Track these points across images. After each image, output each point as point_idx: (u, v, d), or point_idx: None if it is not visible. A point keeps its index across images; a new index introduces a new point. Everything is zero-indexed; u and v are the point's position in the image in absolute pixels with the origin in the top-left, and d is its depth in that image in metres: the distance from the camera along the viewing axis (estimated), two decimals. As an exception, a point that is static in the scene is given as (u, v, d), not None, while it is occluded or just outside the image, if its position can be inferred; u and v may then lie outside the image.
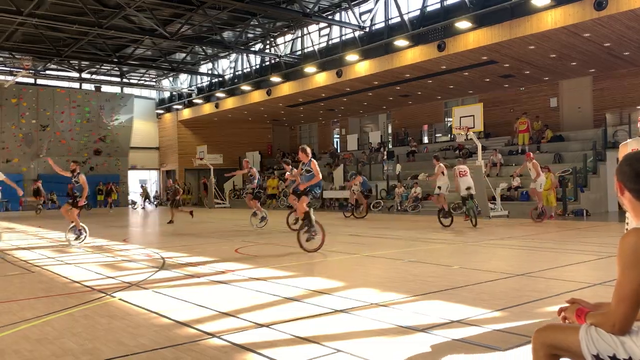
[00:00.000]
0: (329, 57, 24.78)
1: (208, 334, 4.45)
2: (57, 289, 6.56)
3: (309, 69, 25.32)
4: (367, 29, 22.71)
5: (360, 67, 22.95)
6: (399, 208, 22.50)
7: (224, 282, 6.81)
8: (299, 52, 27.65)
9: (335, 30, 25.31)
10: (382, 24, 22.82)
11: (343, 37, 24.94)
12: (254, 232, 14.20)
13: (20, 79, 30.21)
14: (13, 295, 6.22)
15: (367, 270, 7.80)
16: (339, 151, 33.54)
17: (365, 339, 4.30)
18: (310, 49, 26.51)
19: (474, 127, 17.62)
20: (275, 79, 27.57)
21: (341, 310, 5.13)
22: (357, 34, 23.15)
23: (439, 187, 14.70)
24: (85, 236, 11.81)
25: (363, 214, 19.35)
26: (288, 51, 28.09)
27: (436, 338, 4.17)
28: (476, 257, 8.94)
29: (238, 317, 4.96)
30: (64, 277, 7.46)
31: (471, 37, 18.40)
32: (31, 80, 34.19)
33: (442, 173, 14.75)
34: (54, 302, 5.78)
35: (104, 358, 3.89)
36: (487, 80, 23.08)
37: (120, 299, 5.85)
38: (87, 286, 6.70)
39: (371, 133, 31.69)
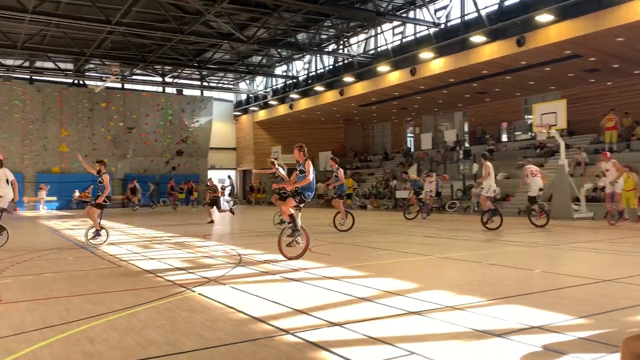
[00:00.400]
0: (403, 55, 24.52)
1: (282, 330, 4.54)
2: (142, 283, 6.94)
3: (382, 67, 25.17)
4: (442, 26, 22.25)
5: (435, 64, 22.52)
6: (476, 209, 21.87)
7: (297, 279, 6.92)
8: (372, 52, 27.57)
9: (409, 28, 25.00)
10: (458, 20, 22.28)
11: (417, 35, 24.60)
12: (328, 231, 14.31)
13: (109, 84, 32.20)
14: (103, 288, 6.65)
15: (442, 272, 7.65)
16: (412, 150, 33.09)
17: (439, 342, 4.23)
18: (384, 47, 26.35)
19: (556, 125, 16.81)
20: (348, 78, 27.64)
21: (415, 312, 5.07)
22: (431, 31, 22.74)
23: (482, 188, 14.14)
24: (106, 239, 11.53)
25: (413, 214, 18.27)
26: (361, 51, 28.08)
27: (514, 344, 4.03)
28: (558, 261, 8.53)
29: (311, 315, 5.03)
30: (148, 271, 7.87)
31: (553, 31, 17.56)
32: (119, 85, 36.38)
33: (488, 174, 13.92)
34: (139, 295, 6.11)
35: (185, 350, 4.07)
36: (571, 75, 21.91)
37: (199, 294, 6.10)
38: (169, 281, 7.03)
39: (446, 131, 30.96)
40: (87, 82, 34.94)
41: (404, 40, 25.41)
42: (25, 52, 28.08)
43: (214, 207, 18.31)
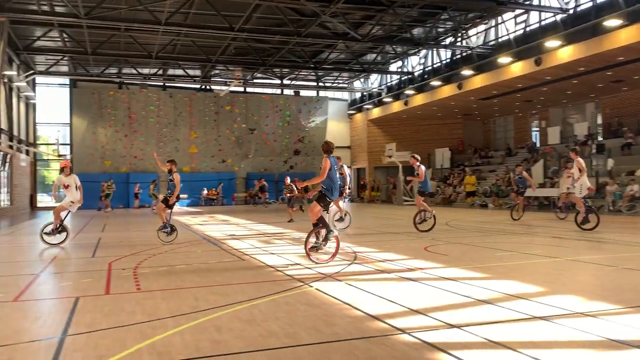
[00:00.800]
0: (526, 45, 23.15)
1: (398, 329, 4.49)
2: (263, 276, 7.25)
3: (504, 59, 23.95)
4: (571, 11, 20.65)
5: (563, 52, 20.96)
6: (611, 208, 20.04)
7: (413, 279, 6.81)
8: (493, 42, 26.36)
9: (534, 15, 23.52)
10: (589, 4, 20.54)
11: (542, 23, 23.08)
12: (444, 230, 13.93)
13: (232, 88, 34.07)
14: (228, 280, 7.04)
15: (571, 275, 7.10)
16: (538, 145, 31.12)
17: (568, 350, 3.93)
18: (505, 37, 25.09)
19: None
20: (466, 72, 26.69)
21: (540, 317, 4.76)
22: (558, 17, 21.21)
23: (572, 187, 12.88)
24: (176, 234, 11.85)
25: (519, 214, 16.58)
26: (480, 42, 26.98)
27: (658, 358, 3.63)
28: None
29: (428, 316, 4.92)
30: (268, 265, 8.21)
31: None
32: (241, 89, 38.35)
33: (579, 170, 12.66)
34: (261, 288, 6.39)
35: (302, 343, 4.18)
36: None
37: (316, 289, 6.23)
38: (288, 275, 7.27)
39: (576, 124, 28.69)
40: (213, 87, 37.31)
41: (527, 29, 23.97)
42: (159, 61, 30.62)
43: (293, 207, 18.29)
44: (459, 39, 27.45)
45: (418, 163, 13.38)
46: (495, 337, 4.19)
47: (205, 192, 35.52)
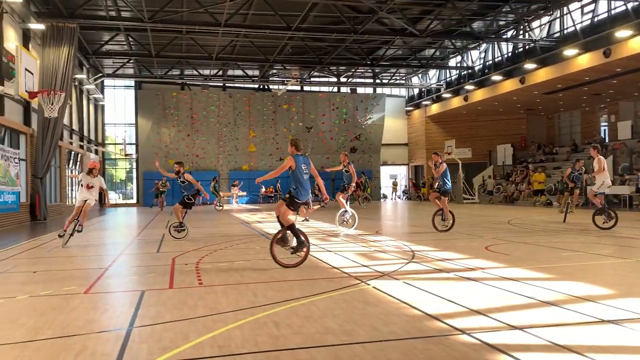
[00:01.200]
0: (594, 35, 22.09)
1: (458, 329, 4.41)
2: (320, 273, 7.29)
3: (570, 51, 22.96)
4: (643, -2, 19.54)
5: (635, 42, 19.85)
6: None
7: (473, 279, 6.66)
8: (557, 34, 25.33)
9: (602, 5, 22.40)
10: (664, -10, 19.37)
11: (612, 12, 21.93)
12: (505, 229, 13.53)
13: (290, 87, 34.45)
14: (285, 276, 7.13)
15: (644, 277, 6.73)
16: (607, 141, 29.63)
17: (641, 356, 3.72)
18: (571, 29, 24.04)
19: None
20: (529, 65, 25.78)
21: (609, 321, 4.54)
22: (630, 5, 20.09)
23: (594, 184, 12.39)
24: (186, 232, 12.12)
25: (572, 210, 15.12)
26: (544, 35, 26.00)
27: None
28: None
29: (488, 316, 4.80)
30: (325, 263, 8.25)
31: None
32: (298, 88, 38.71)
33: (603, 168, 12.29)
34: (317, 285, 6.44)
35: (360, 340, 4.18)
36: None
37: (373, 287, 6.21)
38: (345, 273, 7.28)
39: (649, 119, 27.13)
40: (270, 86, 37.86)
41: (595, 19, 22.87)
42: (219, 62, 31.38)
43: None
44: (521, 32, 26.55)
45: (440, 160, 13.02)
46: (560, 340, 4.03)
47: (263, 189, 36.13)
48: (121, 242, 11.84)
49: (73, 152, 28.81)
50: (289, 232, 7.83)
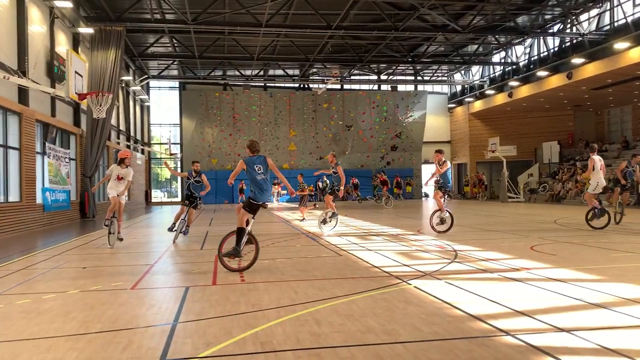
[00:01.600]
0: (647, 27, 21.21)
1: (502, 330, 4.32)
2: (360, 272, 7.29)
3: (620, 44, 22.10)
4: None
5: (691, 34, 18.95)
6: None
7: (518, 279, 6.51)
8: (607, 27, 24.42)
9: (655, -5, 21.48)
10: None
11: (666, 2, 21.01)
12: (551, 229, 13.16)
13: (330, 86, 34.50)
14: (327, 274, 7.16)
15: (701, 280, 6.42)
16: (660, 137, 28.40)
17: (697, 363, 3.56)
18: (622, 21, 23.14)
19: None
20: (577, 60, 24.96)
21: (663, 325, 4.36)
22: (685, -5, 19.19)
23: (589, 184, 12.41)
24: (184, 232, 11.96)
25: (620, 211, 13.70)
26: (593, 28, 25.12)
27: None
28: None
29: (534, 318, 4.68)
30: (365, 261, 8.23)
31: None
32: (338, 86, 38.69)
33: (593, 168, 12.33)
34: (358, 284, 6.43)
35: (401, 340, 4.15)
36: None
37: (415, 287, 6.15)
38: (386, 272, 7.24)
39: None
40: (311, 85, 38.00)
41: (648, 10, 21.95)
42: (260, 62, 31.72)
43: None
44: (568, 26, 25.73)
45: (444, 158, 12.60)
46: (609, 343, 3.90)
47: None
48: (166, 240, 12.14)
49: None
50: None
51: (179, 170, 37.34)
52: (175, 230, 11.86)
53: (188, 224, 12.10)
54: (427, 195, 39.64)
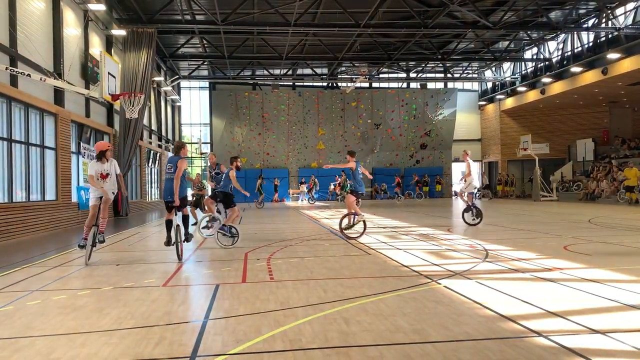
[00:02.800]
0: (687, 21, 20.51)
1: (534, 331, 4.25)
2: (389, 271, 7.25)
3: (658, 38, 21.45)
4: None
5: None
6: None
7: (550, 279, 6.38)
8: (644, 21, 23.74)
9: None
10: None
11: None
12: (586, 227, 12.85)
13: (358, 84, 34.41)
14: (355, 273, 7.15)
15: None
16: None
17: None
18: (660, 14, 22.46)
19: None
20: (612, 55, 24.31)
21: None
22: None
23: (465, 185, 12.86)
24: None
25: None
26: (629, 22, 24.42)
27: None
28: None
29: (567, 319, 4.59)
30: (395, 260, 8.19)
31: None
32: (367, 85, 38.56)
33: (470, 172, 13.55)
34: (387, 283, 6.40)
35: (430, 340, 4.12)
36: None
37: (445, 286, 6.09)
38: (415, 271, 7.19)
39: None
40: (339, 84, 37.97)
41: (687, 2, 21.24)
42: (289, 61, 31.86)
43: (197, 208, 15.63)
44: (603, 20, 25.08)
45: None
46: (647, 346, 3.80)
47: (332, 187, 36.32)
48: (196, 237, 12.29)
49: (152, 151, 30.21)
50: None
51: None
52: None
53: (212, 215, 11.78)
54: (456, 194, 39.19)
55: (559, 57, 30.21)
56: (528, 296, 5.48)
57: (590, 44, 27.38)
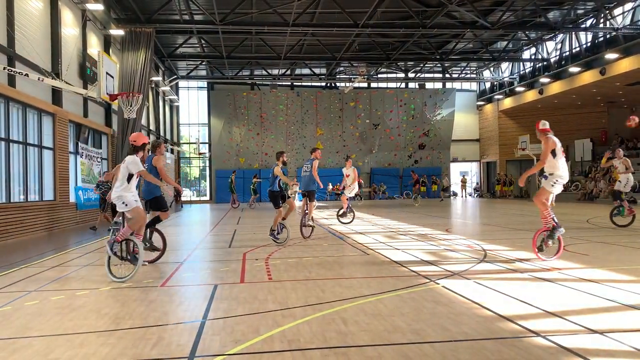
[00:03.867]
0: (684, 21, 20.55)
1: (532, 331, 4.25)
2: (387, 271, 7.25)
3: (656, 39, 21.49)
4: None
5: None
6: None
7: (549, 280, 6.39)
8: (642, 21, 23.79)
9: (694, -13, 20.80)
10: None
11: None
12: (584, 228, 12.87)
13: (356, 84, 34.43)
14: (353, 274, 7.15)
15: None
16: (698, 134, 27.49)
17: None
18: (658, 15, 22.50)
19: None
20: (610, 55, 24.35)
21: (702, 328, 4.22)
22: None
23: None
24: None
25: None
26: (627, 22, 24.46)
27: None
28: None
29: (565, 319, 4.59)
30: (393, 261, 8.19)
31: None
32: (365, 85, 38.57)
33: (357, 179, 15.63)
34: (385, 283, 6.40)
35: (429, 340, 4.12)
36: None
37: (443, 286, 6.10)
38: (413, 271, 7.19)
39: None
40: (337, 84, 37.98)
41: (685, 2, 21.28)
42: (287, 61, 31.83)
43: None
44: (602, 20, 25.12)
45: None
46: (645, 346, 3.80)
47: (330, 187, 36.31)
48: (195, 237, 12.30)
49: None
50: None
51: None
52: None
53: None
54: (455, 194, 39.25)
55: (557, 57, 30.25)
56: (526, 296, 5.48)
57: (589, 44, 27.43)
